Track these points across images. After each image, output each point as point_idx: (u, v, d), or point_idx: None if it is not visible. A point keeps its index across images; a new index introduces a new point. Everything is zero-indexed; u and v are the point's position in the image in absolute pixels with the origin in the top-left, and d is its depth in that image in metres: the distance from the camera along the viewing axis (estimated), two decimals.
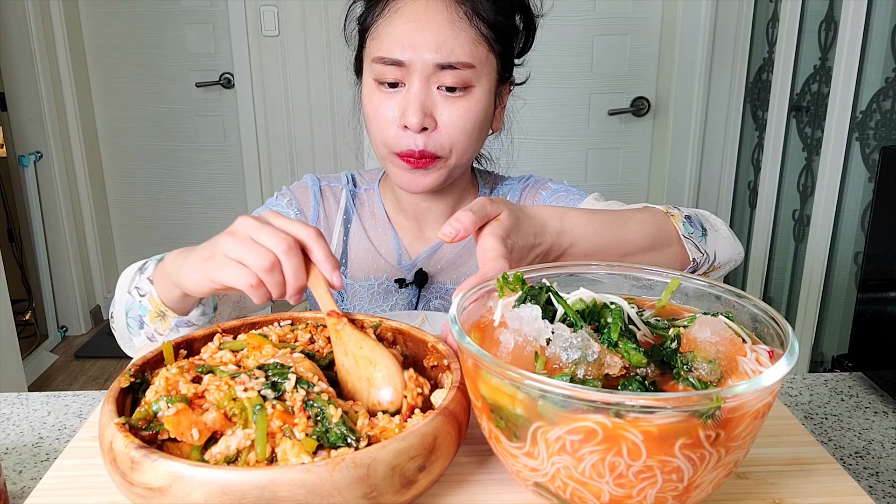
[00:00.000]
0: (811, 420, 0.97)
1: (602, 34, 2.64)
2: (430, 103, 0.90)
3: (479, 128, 0.94)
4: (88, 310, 3.32)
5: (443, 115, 0.91)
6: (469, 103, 0.91)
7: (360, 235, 1.06)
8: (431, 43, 0.87)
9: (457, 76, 0.89)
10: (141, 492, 0.47)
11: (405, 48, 0.88)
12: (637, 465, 0.44)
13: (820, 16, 2.10)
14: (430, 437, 0.50)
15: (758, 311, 0.55)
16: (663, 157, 2.77)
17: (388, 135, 0.92)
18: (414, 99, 0.89)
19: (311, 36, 3.06)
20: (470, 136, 0.93)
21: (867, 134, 1.90)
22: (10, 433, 0.92)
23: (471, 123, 0.92)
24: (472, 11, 0.89)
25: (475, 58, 0.89)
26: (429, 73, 0.89)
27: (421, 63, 0.88)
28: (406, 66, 0.89)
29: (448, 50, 0.88)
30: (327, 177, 1.11)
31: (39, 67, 2.92)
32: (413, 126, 0.89)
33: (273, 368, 0.55)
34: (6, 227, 3.04)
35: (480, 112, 0.92)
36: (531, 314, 0.52)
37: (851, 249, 2.00)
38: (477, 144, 0.97)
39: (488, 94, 0.93)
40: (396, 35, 0.89)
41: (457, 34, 0.88)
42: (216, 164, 3.35)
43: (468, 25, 0.89)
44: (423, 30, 0.88)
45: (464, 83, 0.90)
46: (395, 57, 0.89)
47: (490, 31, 0.90)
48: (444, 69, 0.88)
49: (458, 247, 1.05)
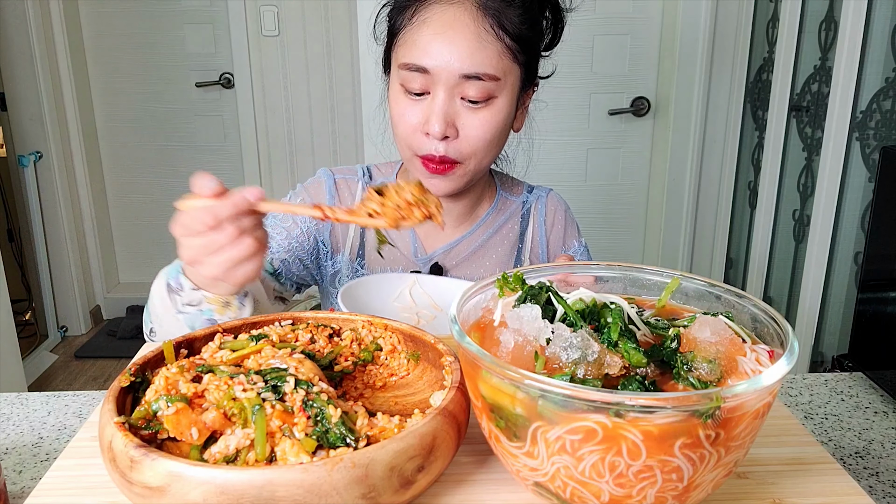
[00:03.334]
0: (811, 420, 0.97)
1: (602, 34, 2.64)
2: (452, 113, 0.92)
3: (500, 135, 0.97)
4: (88, 310, 3.32)
5: (465, 124, 0.93)
6: (491, 114, 0.93)
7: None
8: (457, 54, 0.89)
9: (481, 87, 0.91)
10: (140, 491, 0.47)
11: (432, 57, 0.90)
12: (637, 465, 0.44)
13: (820, 16, 2.10)
14: (428, 437, 0.50)
15: (758, 311, 0.55)
16: (663, 157, 2.77)
17: (412, 139, 0.95)
18: (437, 108, 0.91)
19: (311, 36, 3.06)
20: (490, 143, 0.95)
21: (867, 134, 1.90)
22: (10, 433, 0.92)
23: (491, 133, 0.94)
24: (498, 24, 0.90)
25: (500, 70, 0.91)
26: (453, 83, 0.90)
27: (446, 73, 0.90)
28: (431, 75, 0.91)
29: (474, 61, 0.89)
30: (342, 169, 1.11)
31: (39, 67, 2.92)
32: (435, 134, 0.92)
33: (271, 373, 0.55)
34: (6, 227, 3.04)
35: (502, 121, 0.95)
36: (531, 314, 0.52)
37: (851, 249, 2.00)
38: (496, 150, 0.99)
39: (510, 103, 0.95)
40: (424, 44, 0.91)
41: (483, 46, 0.90)
42: (216, 164, 3.35)
43: (494, 38, 0.90)
44: (450, 41, 0.89)
45: (487, 94, 0.92)
46: (421, 64, 0.90)
47: (515, 42, 0.92)
48: (469, 80, 0.90)
49: (474, 245, 1.08)
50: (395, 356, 0.68)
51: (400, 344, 0.69)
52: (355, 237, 1.06)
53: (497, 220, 1.10)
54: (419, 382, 0.66)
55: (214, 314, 0.82)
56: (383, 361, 0.68)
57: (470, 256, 1.08)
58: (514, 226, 1.11)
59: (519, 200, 1.13)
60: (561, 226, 1.13)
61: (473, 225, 1.09)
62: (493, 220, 1.10)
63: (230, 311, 0.83)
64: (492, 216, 1.10)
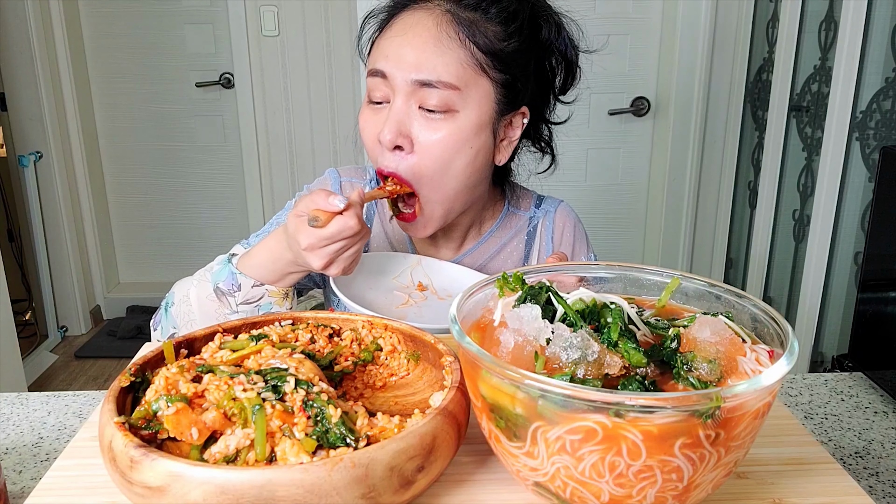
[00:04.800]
0: (811, 420, 0.97)
1: (602, 34, 2.64)
2: (407, 122, 0.87)
3: (463, 159, 0.88)
4: (88, 310, 3.32)
5: (420, 136, 0.87)
6: (449, 129, 0.86)
7: (379, 239, 1.06)
8: (413, 58, 0.85)
9: (438, 97, 0.85)
10: (140, 491, 0.47)
11: (388, 60, 0.87)
12: (637, 465, 0.44)
13: (820, 16, 2.10)
14: (428, 437, 0.50)
15: (758, 311, 0.55)
16: (663, 157, 2.77)
17: (373, 152, 0.92)
18: (391, 114, 0.87)
19: (311, 36, 3.05)
20: (447, 166, 0.88)
21: (867, 134, 1.90)
22: (10, 433, 0.92)
23: (447, 152, 0.87)
24: (467, 33, 0.86)
25: (460, 80, 0.85)
26: (409, 89, 0.86)
27: (400, 76, 0.86)
28: (388, 80, 0.87)
29: (429, 67, 0.85)
30: (349, 170, 1.08)
31: (39, 67, 2.91)
32: (385, 142, 0.87)
33: (271, 373, 0.55)
34: (6, 227, 3.04)
35: (462, 141, 0.87)
36: (531, 314, 0.52)
37: (851, 249, 2.00)
38: (465, 179, 0.90)
39: (476, 123, 0.88)
40: (384, 47, 0.88)
41: (442, 52, 0.85)
42: (216, 164, 3.35)
43: (457, 45, 0.85)
44: (407, 44, 0.86)
45: (445, 106, 0.86)
46: (377, 67, 0.88)
47: (487, 55, 0.87)
48: (425, 87, 0.85)
49: (476, 263, 1.04)
50: (395, 356, 0.68)
51: (400, 344, 0.69)
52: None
53: (502, 238, 1.06)
54: (419, 382, 0.66)
55: (273, 306, 0.89)
56: (383, 361, 0.68)
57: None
58: (519, 244, 1.06)
59: (526, 216, 1.08)
60: (569, 242, 1.08)
61: (476, 242, 1.05)
62: (498, 238, 1.06)
63: (288, 301, 0.91)
64: (496, 233, 1.06)
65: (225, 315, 0.88)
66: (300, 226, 0.79)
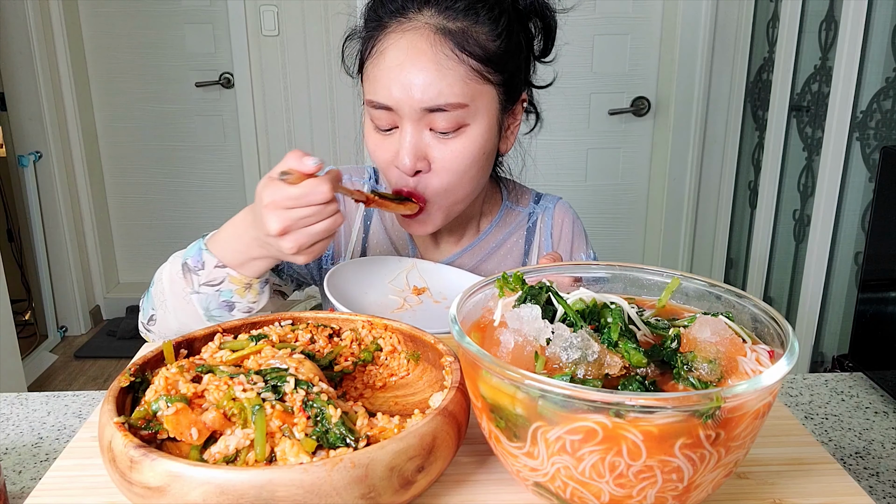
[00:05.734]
0: (811, 420, 0.97)
1: (602, 34, 2.64)
2: (422, 146, 0.87)
3: (477, 165, 0.90)
4: (88, 310, 3.32)
5: (436, 156, 0.88)
6: (463, 144, 0.87)
7: (380, 236, 1.05)
8: (416, 87, 0.84)
9: (448, 118, 0.85)
10: (140, 491, 0.47)
11: (391, 92, 0.85)
12: (637, 465, 0.44)
13: (820, 15, 2.10)
14: (428, 437, 0.50)
15: (758, 311, 0.55)
16: (663, 157, 2.77)
17: (388, 173, 0.92)
18: (406, 143, 0.86)
19: (311, 36, 3.05)
20: (464, 176, 0.90)
21: (867, 134, 1.90)
22: (9, 433, 0.92)
23: (464, 165, 0.88)
24: (460, 48, 0.84)
25: (466, 96, 0.85)
26: (417, 116, 0.85)
27: (408, 107, 0.85)
28: (395, 111, 0.86)
29: (435, 92, 0.84)
30: (349, 169, 1.08)
31: (39, 67, 2.91)
32: (405, 169, 0.87)
33: (271, 373, 0.55)
34: (6, 227, 3.04)
35: (477, 150, 0.89)
36: (531, 314, 0.52)
37: (851, 249, 2.00)
38: (476, 180, 0.93)
39: (487, 129, 0.89)
40: (383, 79, 0.86)
41: (443, 74, 0.84)
42: (216, 163, 3.35)
43: (456, 63, 0.84)
44: (408, 73, 0.84)
45: (457, 124, 0.86)
46: (382, 102, 0.86)
47: (483, 63, 0.86)
48: (434, 112, 0.85)
49: (475, 259, 1.05)
50: (395, 356, 0.68)
51: (400, 344, 0.69)
52: (357, 242, 1.05)
53: (501, 234, 1.06)
54: (419, 382, 0.66)
55: (234, 295, 0.84)
56: (383, 361, 0.68)
57: (472, 270, 1.04)
58: (518, 240, 1.07)
59: (525, 212, 1.08)
60: (568, 238, 1.08)
61: (475, 239, 1.05)
62: (497, 234, 1.06)
63: (251, 293, 0.84)
64: (495, 229, 1.06)
65: (187, 296, 0.83)
66: (268, 182, 0.75)
